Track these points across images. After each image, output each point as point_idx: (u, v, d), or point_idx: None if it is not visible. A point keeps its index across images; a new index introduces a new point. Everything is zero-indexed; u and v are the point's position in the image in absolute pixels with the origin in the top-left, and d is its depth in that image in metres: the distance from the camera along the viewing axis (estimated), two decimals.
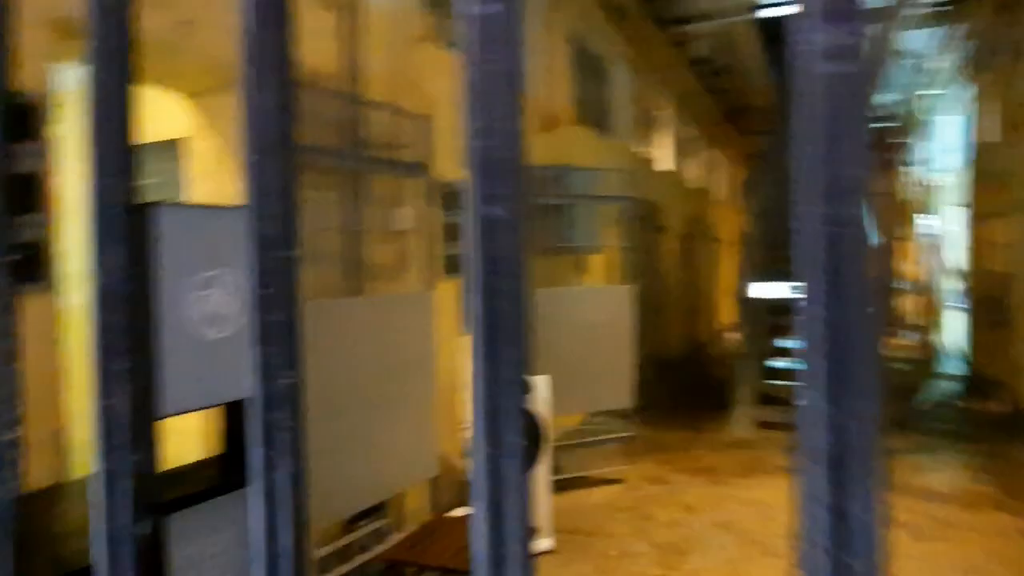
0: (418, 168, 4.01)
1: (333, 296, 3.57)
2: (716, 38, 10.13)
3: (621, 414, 6.37)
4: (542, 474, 4.60)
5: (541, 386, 4.57)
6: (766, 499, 5.63)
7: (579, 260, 6.75)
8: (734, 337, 10.59)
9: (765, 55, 12.72)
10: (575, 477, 5.98)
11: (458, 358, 5.11)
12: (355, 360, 3.43)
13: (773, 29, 11.62)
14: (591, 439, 6.16)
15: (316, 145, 3.33)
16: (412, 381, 3.79)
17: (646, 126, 10.55)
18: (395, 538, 3.93)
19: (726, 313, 17.38)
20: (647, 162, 10.36)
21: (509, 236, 0.44)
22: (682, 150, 12.57)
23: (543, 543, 4.59)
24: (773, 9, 9.13)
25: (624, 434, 6.26)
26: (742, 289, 8.40)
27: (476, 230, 0.45)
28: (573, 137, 7.07)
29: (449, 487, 4.70)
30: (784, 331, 9.89)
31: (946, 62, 10.45)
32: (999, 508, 5.36)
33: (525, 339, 0.46)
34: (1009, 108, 8.07)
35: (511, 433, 0.45)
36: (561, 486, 5.76)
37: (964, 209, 10.91)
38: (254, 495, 0.55)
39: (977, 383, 9.71)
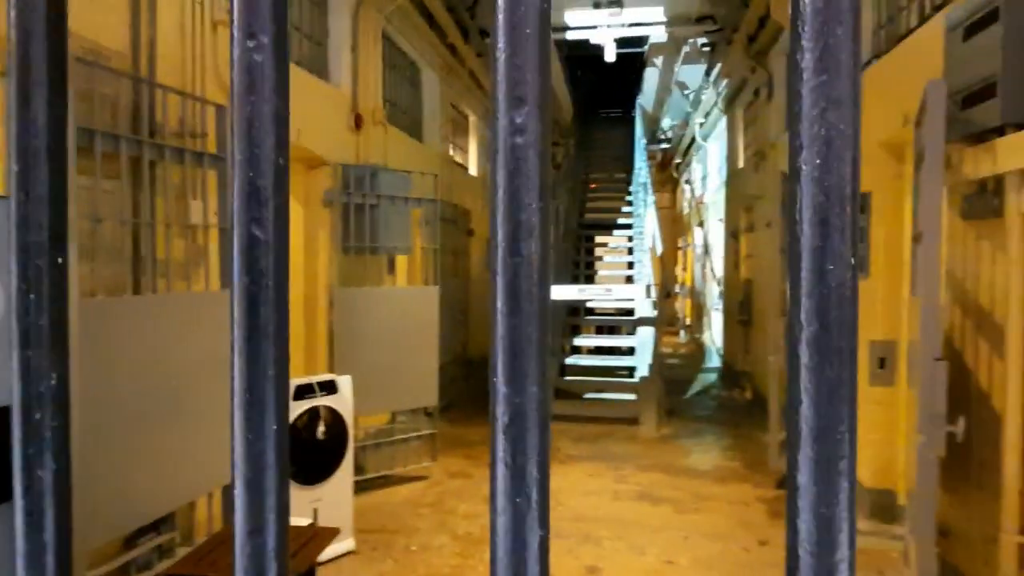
0: (215, 159, 3.81)
1: (116, 294, 3.29)
2: None
3: (426, 412, 6.48)
4: (345, 475, 4.56)
5: (345, 386, 4.53)
6: (557, 485, 6.03)
7: (389, 261, 6.76)
8: None
9: (565, 74, 13.56)
10: (380, 476, 5.99)
11: None
12: (140, 361, 3.20)
13: (574, 50, 12.42)
14: (396, 437, 6.20)
15: (98, 129, 3.06)
16: (206, 383, 3.60)
17: (456, 131, 10.79)
18: (181, 552, 3.70)
19: None
20: (457, 166, 10.60)
21: (269, 257, 0.50)
22: (488, 157, 12.97)
23: (344, 544, 4.56)
24: (576, 32, 9.76)
25: (429, 431, 6.37)
26: None
27: (239, 247, 0.50)
28: (384, 138, 7.06)
29: None
30: (577, 330, 10.64)
31: (711, 95, 11.83)
32: (743, 480, 6.21)
33: (285, 340, 0.52)
34: (757, 140, 9.35)
35: (271, 423, 0.51)
36: (366, 486, 5.75)
37: (722, 224, 12.42)
38: (16, 504, 0.54)
39: (730, 374, 11.11)
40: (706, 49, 10.59)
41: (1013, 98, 3.22)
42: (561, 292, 8.61)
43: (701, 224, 15.83)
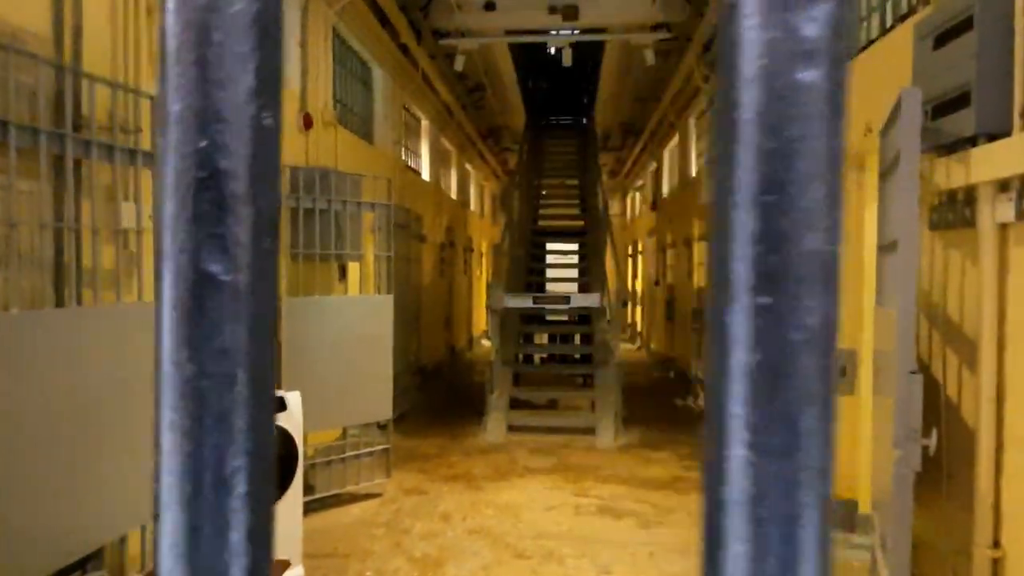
0: (148, 157, 3.48)
1: (35, 306, 2.94)
2: (474, 56, 10.43)
3: (379, 425, 6.20)
4: (295, 499, 4.25)
5: (294, 403, 4.23)
6: (517, 500, 5.83)
7: (340, 268, 6.45)
8: (488, 344, 10.94)
9: (520, 79, 13.44)
10: (331, 495, 5.68)
11: None
12: (62, 381, 2.86)
13: (532, 55, 12.30)
14: (348, 454, 5.89)
15: (13, 121, 2.71)
16: (139, 402, 3.27)
17: (408, 134, 10.51)
18: None
19: (481, 321, 18.01)
20: (409, 171, 10.32)
21: None
22: (441, 161, 12.75)
23: (293, 573, 4.24)
24: (531, 37, 9.62)
25: (382, 446, 6.08)
26: (492, 298, 8.69)
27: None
28: (335, 139, 6.76)
29: None
30: (531, 339, 10.49)
31: (663, 103, 11.88)
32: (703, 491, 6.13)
33: None
34: (711, 149, 9.39)
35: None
36: (315, 506, 5.43)
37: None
38: None
39: (682, 382, 11.14)
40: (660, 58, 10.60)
41: (988, 108, 3.18)
42: (516, 301, 8.43)
43: (653, 232, 15.90)
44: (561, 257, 13.13)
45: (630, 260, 20.31)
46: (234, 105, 0.33)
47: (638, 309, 18.70)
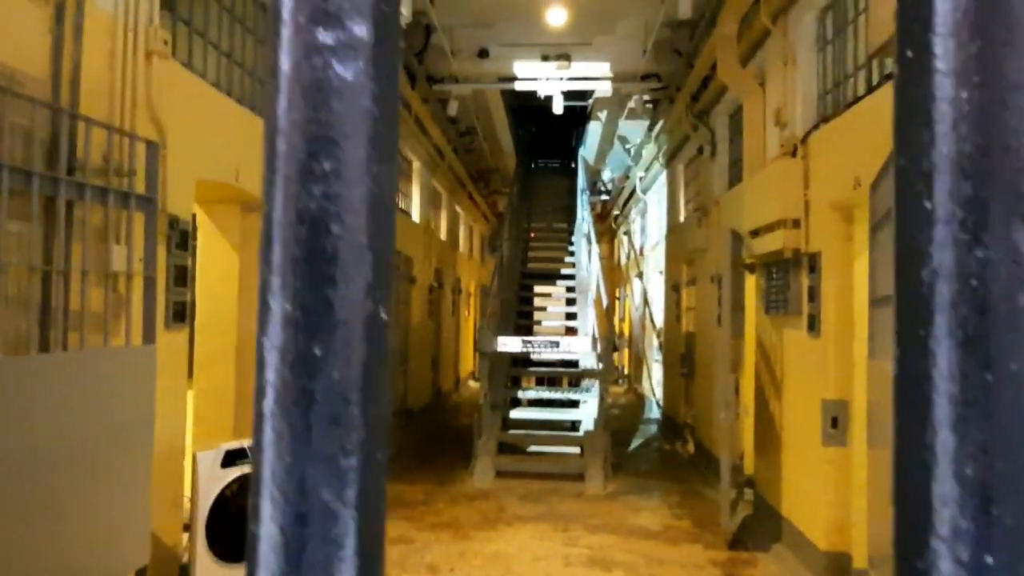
0: (142, 201, 3.46)
1: (19, 350, 2.87)
2: (467, 100, 10.57)
3: None
4: None
5: None
6: (506, 550, 5.71)
7: None
8: (476, 385, 10.83)
9: (511, 123, 13.64)
10: None
11: (183, 419, 4.47)
12: (45, 429, 2.78)
13: (522, 99, 12.49)
14: None
15: (5, 163, 2.69)
16: (123, 450, 3.18)
17: (399, 176, 10.58)
18: None
19: (468, 362, 17.89)
20: (400, 212, 10.34)
21: None
22: (432, 203, 12.81)
23: None
24: (524, 84, 9.78)
25: None
26: (482, 341, 8.64)
27: None
28: None
29: (162, 574, 4.01)
30: (519, 382, 10.40)
31: (652, 149, 12.06)
32: (694, 541, 6.03)
33: None
34: (699, 195, 9.51)
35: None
36: None
37: (662, 276, 12.55)
38: None
39: (671, 427, 11.05)
40: (649, 106, 10.80)
41: None
42: (507, 344, 8.38)
43: (640, 275, 15.98)
44: (550, 300, 13.13)
45: (617, 303, 20.35)
46: (348, 163, 0.30)
47: (625, 352, 18.66)
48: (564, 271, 12.87)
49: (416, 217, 11.48)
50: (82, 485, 2.90)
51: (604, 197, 19.47)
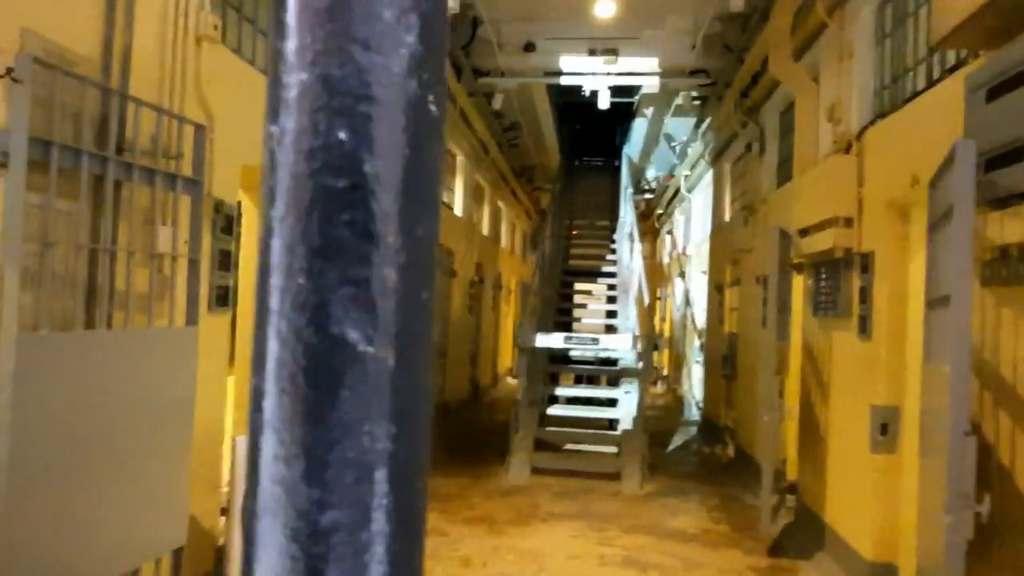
0: (189, 183, 3.50)
1: (65, 327, 2.93)
2: (512, 95, 10.52)
3: None
4: None
5: None
6: (540, 547, 5.65)
7: None
8: (514, 382, 10.80)
9: (555, 119, 13.56)
10: None
11: (223, 403, 4.53)
12: (85, 405, 2.82)
13: (567, 95, 12.41)
14: None
15: (56, 141, 2.73)
16: (163, 430, 3.22)
17: (444, 171, 10.60)
18: None
19: (506, 358, 17.88)
20: (443, 205, 10.37)
21: None
22: (474, 198, 12.82)
23: None
24: (570, 79, 9.69)
25: None
26: (522, 337, 8.59)
27: None
28: None
29: (200, 558, 4.06)
30: (557, 379, 10.33)
31: (698, 147, 11.85)
32: (733, 546, 5.88)
33: None
34: (746, 194, 9.29)
35: None
36: None
37: (705, 276, 12.32)
38: None
39: (711, 429, 10.83)
40: (697, 102, 10.60)
41: None
42: (546, 340, 8.32)
43: (682, 275, 15.74)
44: (590, 298, 13.02)
45: (658, 303, 20.10)
46: (392, 77, 0.21)
47: (665, 352, 18.42)
48: (605, 269, 12.74)
49: (459, 211, 11.49)
50: (122, 462, 2.94)
51: (648, 195, 19.25)
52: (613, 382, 9.57)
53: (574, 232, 14.94)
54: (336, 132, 0.20)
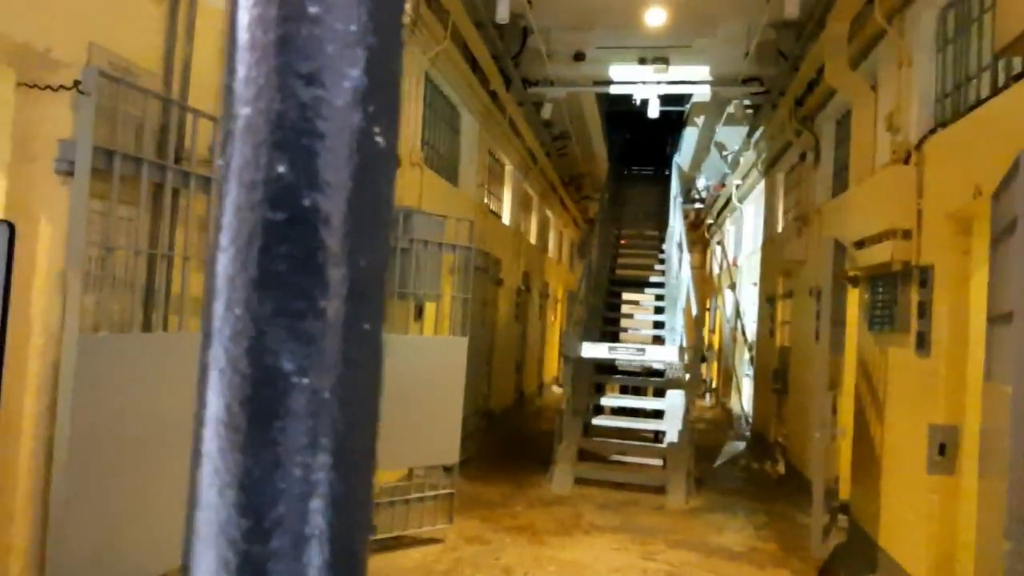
0: None
1: (123, 329, 3.05)
2: (561, 104, 10.53)
3: (444, 468, 6.12)
4: None
5: None
6: (581, 559, 5.61)
7: (416, 308, 6.51)
8: (559, 390, 10.75)
9: (604, 128, 13.51)
10: (392, 537, 5.61)
11: None
12: (142, 404, 2.93)
13: (616, 104, 12.36)
14: (412, 496, 5.83)
15: (119, 150, 2.86)
16: None
17: (491, 178, 10.66)
18: None
19: (552, 367, 17.83)
20: (490, 214, 10.43)
21: None
22: (522, 206, 12.85)
23: None
24: (621, 87, 9.66)
25: (447, 491, 5.99)
26: (567, 346, 8.56)
27: None
28: (421, 179, 6.90)
29: None
30: (603, 389, 10.24)
31: (750, 156, 11.63)
32: (780, 565, 5.73)
33: None
34: (800, 204, 9.07)
35: None
36: (374, 547, 5.37)
37: (755, 288, 12.06)
38: None
39: (760, 445, 10.57)
40: (749, 111, 10.43)
41: None
42: (592, 350, 8.28)
43: (733, 287, 15.46)
44: (637, 308, 12.89)
45: (707, 314, 19.78)
46: (333, 110, 0.21)
47: (714, 365, 18.09)
48: (653, 279, 12.61)
49: (506, 219, 11.53)
50: (169, 462, 3.04)
51: (698, 205, 18.98)
52: (659, 393, 9.44)
53: (622, 242, 14.83)
54: (276, 166, 0.20)
